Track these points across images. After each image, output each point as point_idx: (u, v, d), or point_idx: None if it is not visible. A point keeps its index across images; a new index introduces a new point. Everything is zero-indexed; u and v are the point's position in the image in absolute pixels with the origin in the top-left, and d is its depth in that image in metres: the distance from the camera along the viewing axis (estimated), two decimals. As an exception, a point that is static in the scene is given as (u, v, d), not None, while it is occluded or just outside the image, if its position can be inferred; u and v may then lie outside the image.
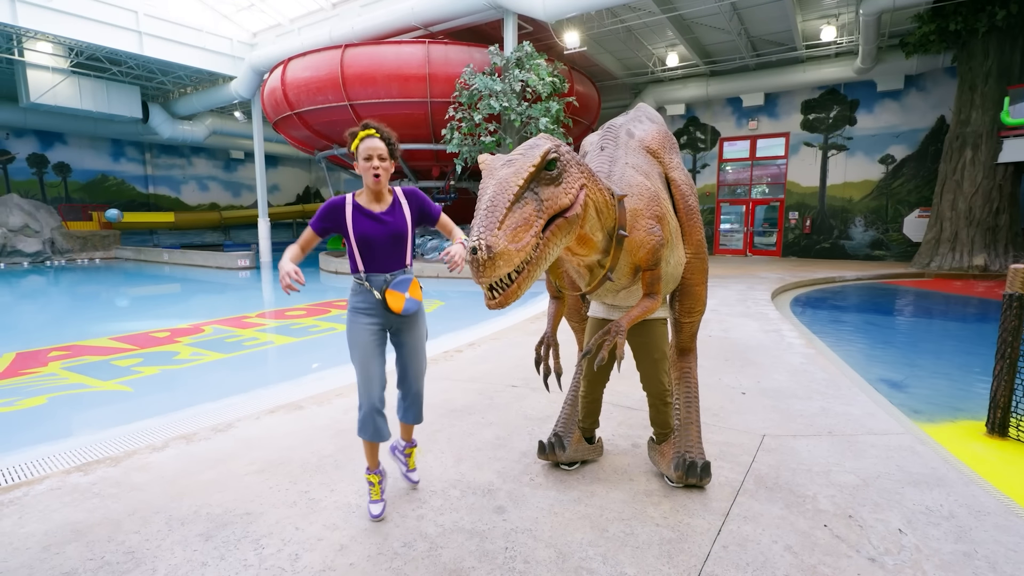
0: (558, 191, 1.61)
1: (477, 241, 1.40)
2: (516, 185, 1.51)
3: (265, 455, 2.88)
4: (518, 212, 1.50)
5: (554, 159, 1.60)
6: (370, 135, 2.14)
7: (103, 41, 15.21)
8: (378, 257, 2.16)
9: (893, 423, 3.20)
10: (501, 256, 1.40)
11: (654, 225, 2.09)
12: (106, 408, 4.31)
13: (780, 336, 5.59)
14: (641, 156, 2.36)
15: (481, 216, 1.46)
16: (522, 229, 1.48)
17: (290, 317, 8.33)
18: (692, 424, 2.55)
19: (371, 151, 2.12)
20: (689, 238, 2.48)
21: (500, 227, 1.43)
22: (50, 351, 5.93)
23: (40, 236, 19.71)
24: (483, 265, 1.39)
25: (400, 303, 2.16)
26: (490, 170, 1.61)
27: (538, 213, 1.54)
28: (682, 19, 13.71)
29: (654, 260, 2.09)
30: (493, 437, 3.04)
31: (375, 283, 2.17)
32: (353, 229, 2.13)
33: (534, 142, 1.67)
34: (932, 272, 12.79)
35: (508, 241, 1.43)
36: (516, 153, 1.64)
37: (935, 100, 14.91)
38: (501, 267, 1.41)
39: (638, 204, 2.08)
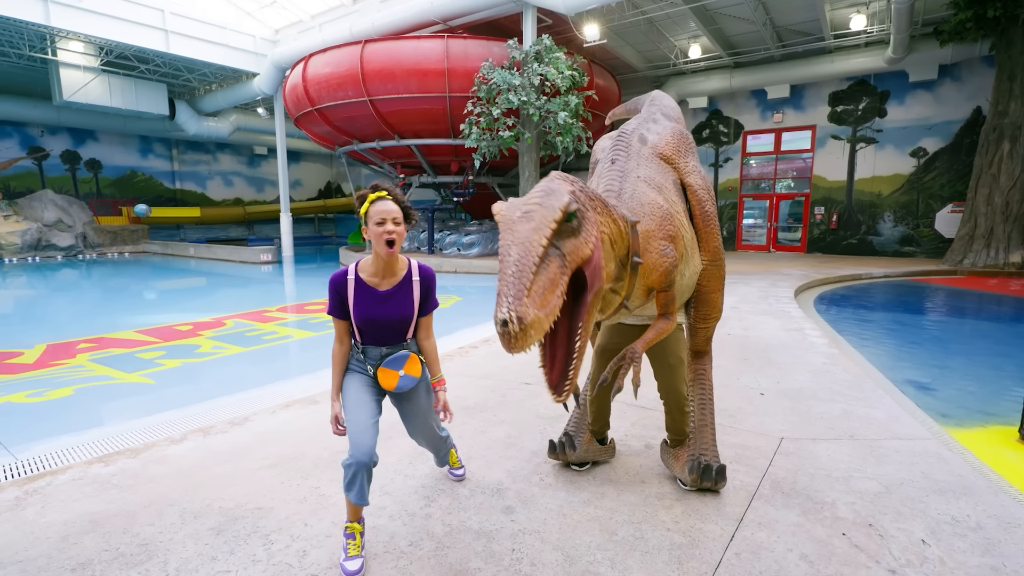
0: (579, 242, 1.52)
1: (508, 313, 1.32)
2: (540, 246, 1.43)
3: (279, 450, 2.91)
4: (543, 274, 1.42)
5: (574, 211, 1.52)
6: (381, 197, 1.91)
7: (131, 40, 15.58)
8: (376, 335, 2.00)
9: (919, 427, 3.09)
10: (532, 326, 1.34)
11: (667, 247, 2.03)
12: (129, 400, 4.43)
13: (802, 335, 5.45)
14: (654, 165, 2.29)
15: (509, 283, 1.37)
16: (549, 291, 1.41)
17: (309, 312, 8.44)
18: (707, 427, 2.49)
19: (384, 214, 1.88)
20: (705, 245, 2.41)
21: (529, 295, 1.36)
22: (79, 343, 6.11)
23: (73, 231, 20.35)
24: (515, 338, 1.32)
25: (393, 381, 2.01)
26: (508, 224, 1.52)
27: (562, 270, 1.47)
28: (705, 9, 13.42)
29: (667, 282, 2.04)
30: (504, 435, 3.02)
31: (370, 356, 2.03)
32: (354, 310, 1.96)
33: (549, 187, 1.59)
34: (965, 269, 12.33)
35: (538, 308, 1.36)
36: (533, 201, 1.54)
37: (971, 91, 14.33)
38: (532, 336, 1.35)
39: (650, 225, 2.02)
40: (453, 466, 2.53)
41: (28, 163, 21.06)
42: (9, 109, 19.55)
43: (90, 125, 21.57)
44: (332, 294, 1.99)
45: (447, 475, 2.55)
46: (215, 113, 22.52)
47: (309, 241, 28.26)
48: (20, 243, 18.51)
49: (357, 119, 14.54)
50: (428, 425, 2.21)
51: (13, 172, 20.63)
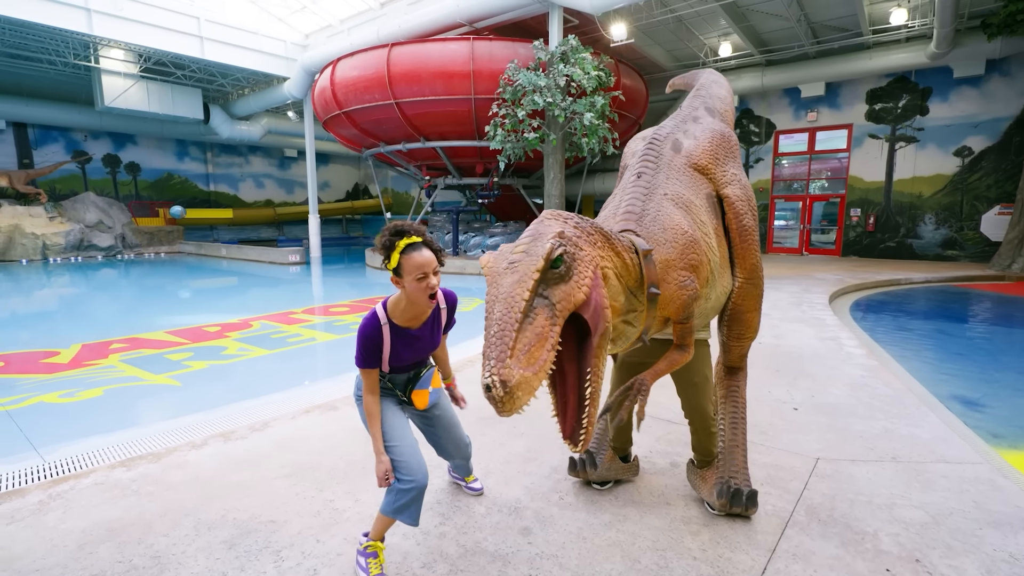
0: (570, 288, 1.42)
1: (490, 377, 1.24)
2: (522, 300, 1.33)
3: (296, 458, 2.89)
4: (529, 329, 1.32)
5: (559, 256, 1.41)
6: (414, 244, 1.75)
7: (169, 47, 16.07)
8: (404, 366, 1.99)
9: (969, 450, 2.88)
10: (519, 387, 1.25)
11: (687, 278, 1.88)
12: (155, 402, 4.50)
13: (838, 345, 5.21)
14: (685, 179, 2.14)
15: (491, 344, 1.30)
16: (537, 347, 1.31)
17: (334, 314, 8.51)
18: (738, 447, 2.36)
19: (425, 267, 1.73)
20: (741, 262, 2.26)
21: (512, 354, 1.27)
22: (111, 343, 6.28)
23: (112, 231, 21.10)
24: (501, 402, 1.24)
25: (425, 399, 2.06)
26: (493, 278, 1.44)
27: (552, 321, 1.36)
28: (736, 6, 13.08)
29: (685, 315, 1.91)
30: (523, 449, 2.93)
31: (397, 383, 2.04)
32: (390, 355, 1.90)
33: (537, 230, 1.49)
34: (1014, 275, 11.69)
35: (524, 367, 1.27)
36: (519, 249, 1.45)
37: (1022, 86, 13.58)
38: (521, 398, 1.26)
39: (670, 254, 1.87)
40: (468, 481, 2.45)
41: (72, 167, 21.95)
42: (55, 115, 20.40)
43: (129, 129, 22.35)
44: (367, 346, 1.84)
45: (463, 490, 2.48)
46: (247, 117, 23.06)
47: (337, 242, 28.71)
48: (64, 243, 19.28)
49: (384, 121, 14.66)
50: (460, 431, 2.24)
51: (59, 175, 21.51)
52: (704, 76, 2.94)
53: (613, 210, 2.06)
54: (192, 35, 16.45)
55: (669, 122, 2.43)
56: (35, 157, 20.97)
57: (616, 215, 2.00)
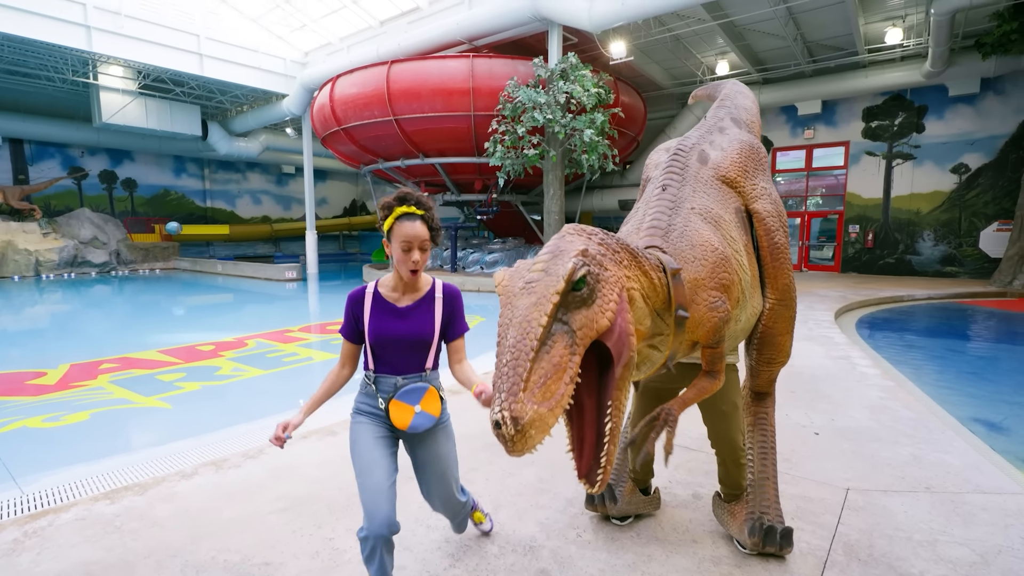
0: (592, 313, 1.26)
1: (499, 413, 1.10)
2: (539, 325, 1.19)
3: (292, 490, 2.71)
4: (545, 359, 1.17)
5: (582, 277, 1.25)
6: (409, 213, 1.66)
7: (168, 64, 16.09)
8: (392, 359, 1.74)
9: (1004, 478, 2.73)
10: (532, 425, 1.10)
11: (717, 299, 1.73)
12: (144, 427, 4.30)
13: (851, 364, 5.07)
14: (713, 192, 2.01)
15: (503, 375, 1.15)
16: (553, 379, 1.16)
17: (330, 332, 8.34)
18: (768, 480, 2.20)
19: (411, 239, 1.65)
20: (773, 282, 2.11)
21: (526, 387, 1.13)
22: (101, 363, 6.08)
23: (107, 248, 20.91)
24: (512, 441, 1.09)
25: (407, 418, 1.70)
26: (508, 298, 1.29)
27: (571, 350, 1.21)
28: (733, 26, 13.20)
29: (716, 338, 1.76)
30: (535, 479, 2.76)
31: (383, 388, 1.74)
32: (369, 325, 1.73)
33: (558, 246, 1.35)
34: (1016, 291, 11.64)
35: (538, 401, 1.13)
36: (538, 267, 1.30)
37: (1017, 104, 13.71)
38: (534, 436, 1.12)
39: (700, 273, 1.73)
40: (478, 521, 2.24)
41: (68, 183, 21.83)
42: (53, 131, 20.34)
43: (127, 146, 22.31)
44: (348, 311, 1.78)
45: (472, 528, 2.30)
46: (245, 133, 23.08)
47: (334, 258, 28.58)
48: (57, 260, 19.07)
49: (383, 138, 14.64)
50: (446, 481, 1.84)
51: (54, 191, 21.38)
52: (728, 86, 2.84)
53: (636, 224, 1.93)
54: (192, 52, 16.49)
55: (694, 133, 2.32)
56: (31, 173, 20.86)
57: (640, 230, 1.86)
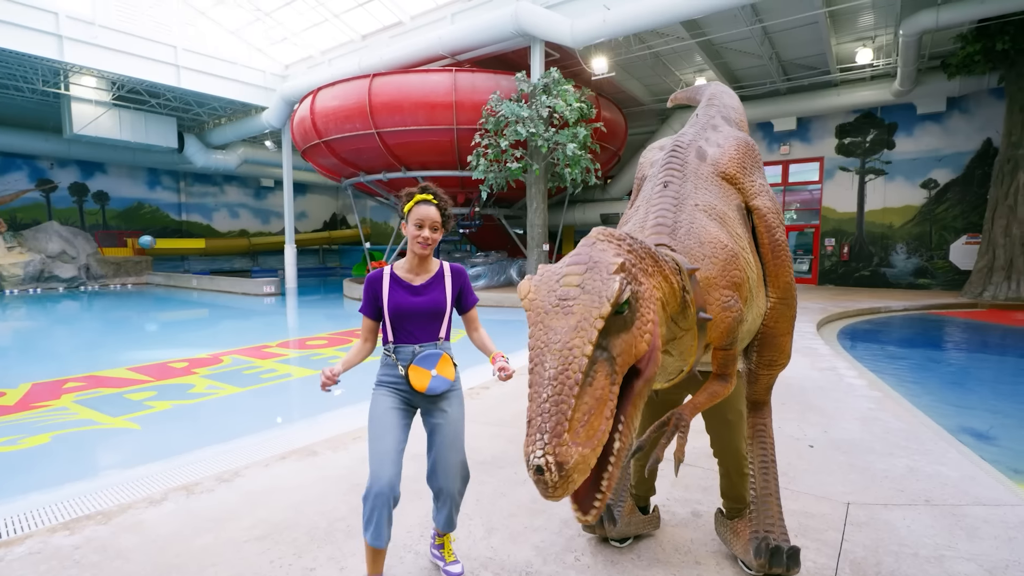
0: (632, 338, 1.15)
1: (543, 458, 0.99)
2: (583, 355, 1.07)
3: (270, 515, 2.54)
4: (588, 393, 1.06)
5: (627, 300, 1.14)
6: (426, 200, 1.94)
7: (143, 75, 15.78)
8: (409, 329, 1.96)
9: (1002, 490, 2.70)
10: (576, 468, 1.00)
11: (730, 298, 1.67)
12: (110, 449, 4.06)
13: (837, 375, 5.08)
14: (714, 189, 1.96)
15: (545, 413, 1.03)
16: (596, 416, 1.06)
17: (311, 347, 8.11)
18: (771, 496, 2.12)
19: (424, 219, 1.92)
20: (775, 280, 2.05)
21: (570, 428, 1.02)
22: (65, 382, 5.77)
23: (76, 262, 20.24)
24: (554, 487, 0.99)
25: (424, 381, 1.90)
26: (538, 316, 1.15)
27: (611, 379, 1.10)
28: (711, 44, 13.50)
29: (729, 340, 1.69)
30: (528, 499, 2.64)
31: (402, 356, 1.95)
32: (388, 300, 1.95)
33: (591, 257, 1.21)
34: (986, 302, 11.96)
35: (581, 443, 1.02)
36: (571, 282, 1.16)
37: (980, 122, 14.25)
38: (576, 480, 1.02)
39: (711, 271, 1.67)
40: (447, 560, 2.04)
41: (36, 195, 21.14)
42: (20, 142, 19.72)
43: (99, 158, 21.74)
44: (367, 291, 2.00)
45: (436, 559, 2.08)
46: (223, 146, 22.71)
47: (313, 272, 28.13)
48: (22, 274, 18.37)
49: (364, 151, 14.52)
50: (457, 444, 1.98)
51: (20, 204, 20.66)
52: (711, 88, 2.83)
53: (639, 223, 1.85)
54: (168, 64, 16.21)
55: (689, 130, 2.27)
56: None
57: (644, 228, 1.79)
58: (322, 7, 15.65)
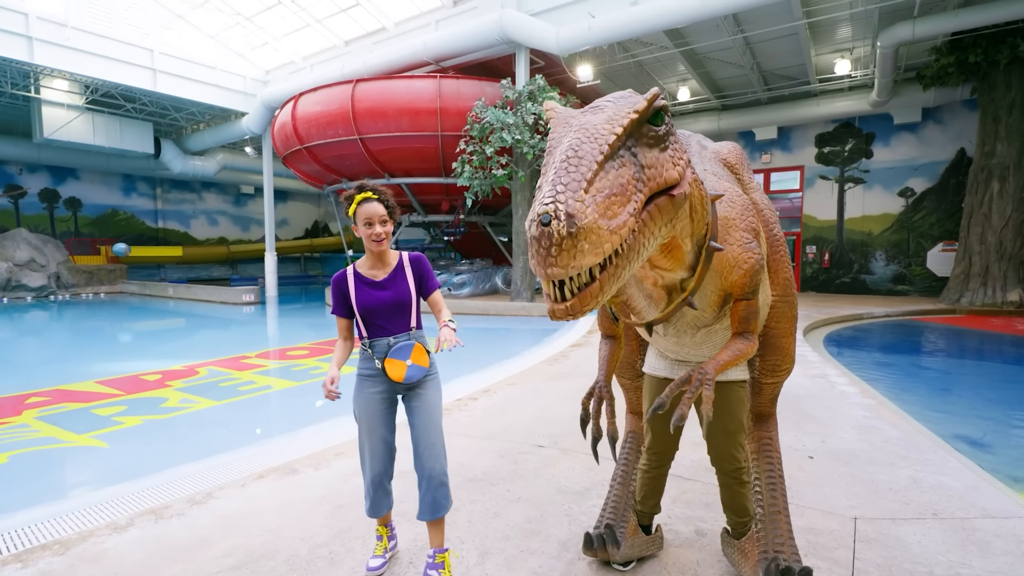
0: (664, 158, 1.08)
1: (552, 204, 0.88)
2: (612, 134, 0.99)
3: (245, 541, 2.36)
4: (613, 174, 0.97)
5: (662, 109, 1.09)
6: (367, 199, 2.04)
7: (118, 78, 15.38)
8: (380, 323, 2.07)
9: (1008, 501, 2.64)
10: (589, 233, 0.89)
11: (751, 240, 1.57)
12: (73, 470, 3.80)
13: (829, 383, 5.04)
14: (719, 169, 1.89)
15: (557, 170, 0.94)
16: (618, 201, 0.96)
17: (291, 357, 7.85)
18: (780, 514, 2.01)
19: (371, 216, 2.03)
20: (775, 276, 1.97)
21: (587, 188, 0.91)
22: (28, 397, 5.46)
23: (46, 270, 19.56)
24: (560, 244, 0.87)
25: (401, 371, 2.03)
26: (564, 120, 1.09)
27: (638, 183, 1.01)
28: (694, 54, 13.63)
29: (751, 286, 1.57)
30: (523, 519, 2.50)
31: (377, 349, 2.07)
32: (356, 299, 2.06)
33: (625, 93, 1.15)
34: (964, 308, 12.18)
35: (599, 212, 0.91)
36: (603, 100, 1.12)
37: (954, 132, 14.61)
38: (586, 251, 0.90)
39: (729, 212, 1.58)
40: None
41: (3, 201, 20.42)
42: (-13, 147, 19.08)
43: (71, 163, 21.11)
44: (335, 292, 2.10)
45: None
46: (201, 152, 22.25)
47: (295, 280, 27.64)
48: (-12, 284, 17.68)
49: (347, 157, 14.30)
50: (435, 424, 2.09)
51: (-13, 210, 19.96)
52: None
53: None
54: (144, 67, 15.83)
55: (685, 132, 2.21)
56: (-40, 191, 19.46)
57: None
58: (304, 12, 15.45)
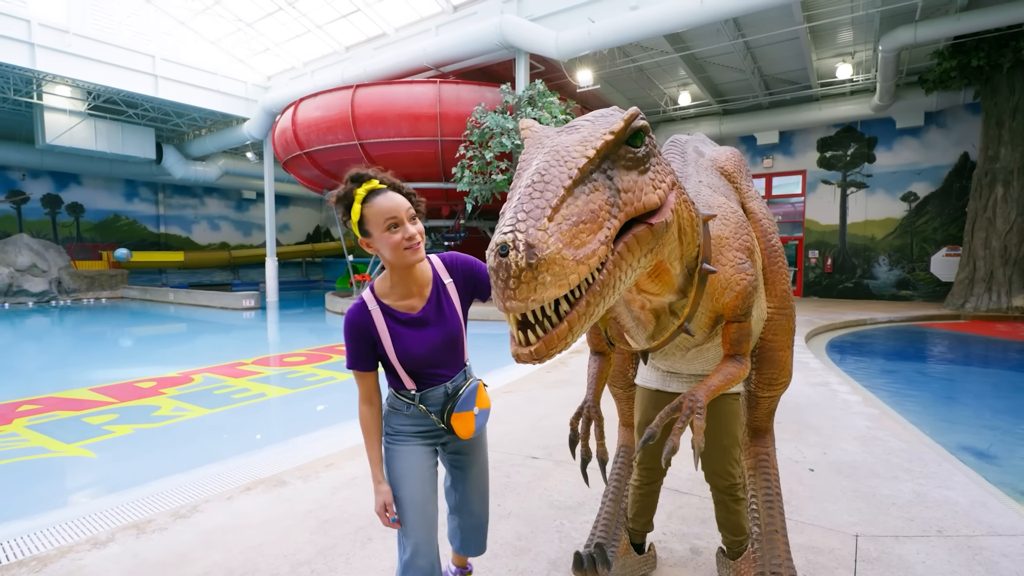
0: (643, 181, 1.00)
1: (512, 233, 0.81)
2: (583, 157, 0.92)
3: (227, 558, 2.29)
4: (583, 200, 0.89)
5: (642, 129, 1.01)
6: (376, 190, 1.40)
7: (120, 84, 15.42)
8: (432, 372, 1.52)
9: (1015, 517, 2.55)
10: (551, 264, 0.81)
11: (744, 260, 1.51)
12: (59, 481, 3.74)
13: (831, 391, 4.95)
14: (716, 179, 1.82)
15: (521, 196, 0.87)
16: (587, 228, 0.88)
17: (288, 364, 7.80)
18: (777, 533, 1.92)
19: (394, 212, 1.37)
20: (772, 287, 1.89)
21: (552, 216, 0.84)
22: (20, 405, 5.40)
23: (47, 276, 19.58)
24: (519, 276, 0.80)
25: (471, 425, 1.54)
26: (537, 139, 1.01)
27: (612, 209, 0.93)
28: (694, 58, 13.60)
29: (743, 308, 1.51)
30: (513, 535, 2.42)
31: (432, 403, 1.53)
32: (395, 350, 1.46)
33: (606, 111, 1.08)
34: (968, 314, 12.05)
35: (563, 242, 0.84)
36: (582, 119, 1.05)
37: (957, 137, 14.53)
38: (548, 283, 0.81)
39: (723, 231, 1.51)
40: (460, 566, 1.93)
41: (6, 207, 20.48)
42: (-10, 153, 19.16)
43: (74, 169, 21.17)
44: (353, 340, 1.46)
45: None
46: (203, 157, 22.30)
47: (296, 286, 27.65)
48: (-11, 289, 17.70)
49: (346, 162, 14.24)
50: (487, 470, 1.71)
51: (-11, 216, 20.03)
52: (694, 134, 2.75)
53: None
54: (147, 73, 15.88)
55: (683, 136, 2.14)
56: (-38, 196, 19.53)
57: None
58: (305, 19, 15.49)
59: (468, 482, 1.66)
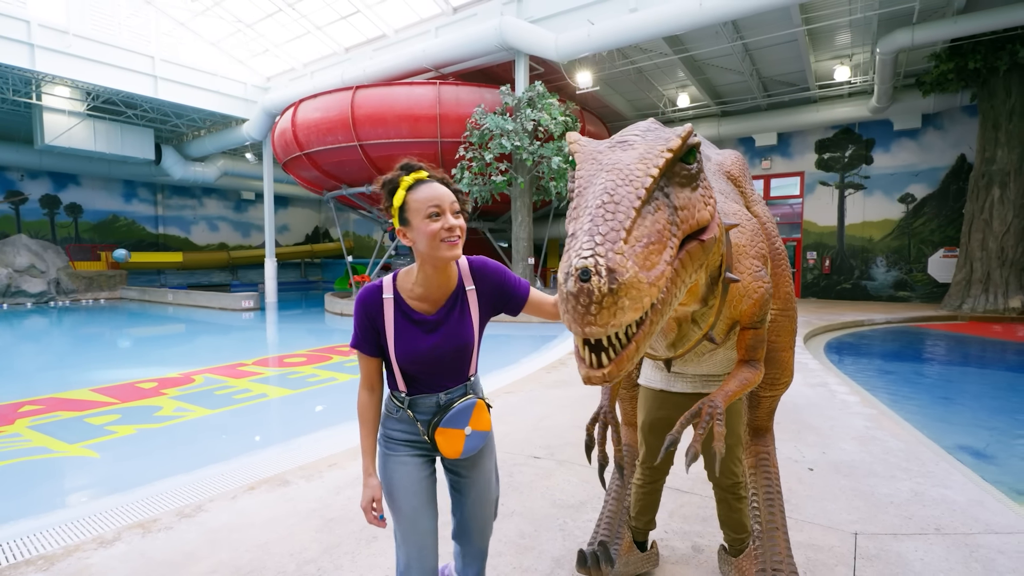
0: (695, 198, 1.01)
1: (592, 258, 0.80)
2: (648, 176, 0.93)
3: (233, 557, 2.31)
4: (649, 220, 0.90)
5: (695, 147, 1.02)
6: (422, 180, 1.36)
7: (119, 85, 15.43)
8: (428, 379, 1.43)
9: (1012, 516, 2.58)
10: (630, 289, 0.81)
11: (760, 268, 1.54)
12: (62, 481, 3.76)
13: (830, 392, 4.98)
14: (725, 183, 1.85)
15: (594, 217, 0.86)
16: (655, 249, 0.89)
17: (289, 365, 7.81)
18: (778, 531, 1.96)
19: (438, 201, 1.31)
20: (775, 289, 1.92)
21: (627, 239, 0.84)
22: (22, 405, 5.42)
23: (46, 276, 19.56)
24: (600, 302, 0.79)
25: (458, 445, 1.41)
26: (591, 155, 1.01)
27: (672, 228, 0.94)
28: (693, 60, 13.65)
29: (760, 315, 1.55)
30: (516, 534, 2.45)
31: (421, 411, 1.43)
32: (395, 347, 1.38)
33: (648, 125, 1.09)
34: (966, 315, 12.12)
35: (639, 265, 0.85)
36: (630, 133, 1.04)
37: (954, 138, 14.60)
38: (627, 308, 0.82)
39: (739, 238, 1.55)
40: None
41: (5, 207, 20.45)
42: (-12, 153, 19.14)
43: (73, 169, 21.16)
44: (361, 319, 1.40)
45: None
46: (202, 158, 22.29)
47: (295, 286, 27.65)
48: (-13, 290, 17.68)
49: (346, 164, 14.32)
50: (489, 500, 1.55)
51: (-12, 216, 20.00)
52: None
53: None
54: (146, 74, 15.90)
55: None
56: (-39, 197, 19.49)
57: None
58: (305, 20, 15.51)
59: (465, 509, 1.54)
